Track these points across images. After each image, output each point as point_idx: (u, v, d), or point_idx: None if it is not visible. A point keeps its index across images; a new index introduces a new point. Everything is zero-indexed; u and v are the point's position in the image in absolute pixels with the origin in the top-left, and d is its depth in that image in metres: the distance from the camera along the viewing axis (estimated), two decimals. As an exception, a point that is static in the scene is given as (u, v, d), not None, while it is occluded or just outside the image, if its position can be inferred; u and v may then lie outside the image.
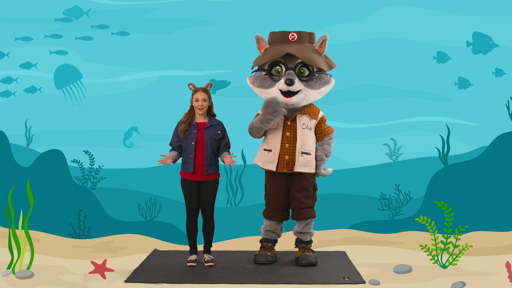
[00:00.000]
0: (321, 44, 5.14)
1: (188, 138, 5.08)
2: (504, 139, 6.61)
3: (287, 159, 5.10)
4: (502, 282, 4.61)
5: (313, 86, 5.10)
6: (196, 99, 5.07)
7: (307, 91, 5.08)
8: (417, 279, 4.75)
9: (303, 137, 5.11)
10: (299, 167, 5.10)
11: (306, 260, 5.13)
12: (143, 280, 4.69)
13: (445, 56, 6.48)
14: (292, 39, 5.11)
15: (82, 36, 6.70)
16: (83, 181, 6.64)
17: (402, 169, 6.69)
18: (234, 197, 6.66)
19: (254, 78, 5.22)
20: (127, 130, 6.61)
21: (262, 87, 5.14)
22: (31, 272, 4.83)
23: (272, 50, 5.11)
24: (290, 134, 5.11)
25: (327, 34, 5.12)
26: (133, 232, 6.51)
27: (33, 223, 6.19)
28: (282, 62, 5.10)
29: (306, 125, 5.13)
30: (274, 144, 5.13)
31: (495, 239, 6.25)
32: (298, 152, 5.09)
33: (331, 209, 6.49)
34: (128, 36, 6.65)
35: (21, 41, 6.74)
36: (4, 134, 6.65)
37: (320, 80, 5.13)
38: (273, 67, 5.14)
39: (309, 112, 5.16)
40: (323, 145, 5.25)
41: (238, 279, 4.69)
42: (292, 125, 5.12)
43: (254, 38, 5.19)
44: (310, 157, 5.14)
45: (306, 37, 5.15)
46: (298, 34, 5.11)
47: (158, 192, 6.60)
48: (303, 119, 5.14)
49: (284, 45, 5.09)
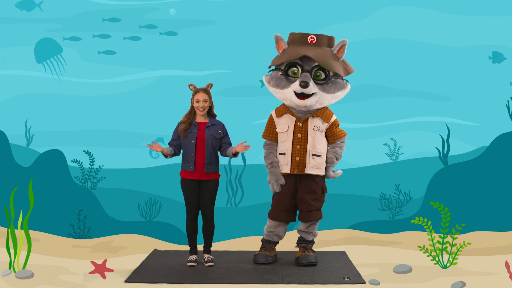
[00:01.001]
0: (340, 48, 5.13)
1: (188, 136, 5.08)
2: (504, 139, 6.61)
3: (298, 161, 5.10)
4: (502, 282, 4.61)
5: (328, 90, 5.09)
6: (197, 100, 5.08)
7: (322, 94, 5.07)
8: (417, 279, 4.75)
9: (314, 139, 5.12)
10: (310, 169, 5.11)
11: (306, 260, 5.13)
12: (143, 280, 4.69)
13: (501, 56, 6.44)
14: (311, 42, 5.11)
15: (131, 36, 6.69)
16: (83, 181, 6.64)
17: (402, 169, 6.69)
18: (234, 197, 6.66)
19: (270, 77, 5.21)
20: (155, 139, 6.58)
21: (277, 87, 5.14)
22: (31, 272, 4.83)
23: (290, 51, 5.10)
24: (301, 136, 5.12)
25: (347, 39, 5.11)
26: (133, 232, 6.51)
27: (33, 223, 6.19)
28: (299, 64, 5.09)
29: (317, 128, 5.13)
30: (287, 146, 5.15)
31: (495, 239, 6.25)
32: (309, 154, 5.10)
33: (331, 209, 6.47)
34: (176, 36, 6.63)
35: (69, 41, 6.72)
36: (4, 134, 6.65)
37: (336, 84, 5.12)
38: (289, 68, 5.13)
39: (322, 115, 5.16)
40: (334, 148, 5.25)
41: (238, 279, 4.69)
42: (304, 127, 5.12)
43: (273, 38, 5.18)
44: (320, 159, 5.15)
45: (325, 40, 5.13)
46: (318, 37, 5.11)
47: (158, 192, 6.60)
48: (315, 122, 5.14)
49: (303, 47, 5.07)
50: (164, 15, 6.75)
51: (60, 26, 6.74)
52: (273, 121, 5.27)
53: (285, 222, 5.27)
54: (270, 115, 5.32)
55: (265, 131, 5.31)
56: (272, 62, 5.24)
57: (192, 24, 6.76)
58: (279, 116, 5.22)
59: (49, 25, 6.74)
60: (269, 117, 5.33)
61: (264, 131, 5.32)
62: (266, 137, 5.30)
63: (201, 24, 6.75)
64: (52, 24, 6.74)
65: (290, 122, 5.15)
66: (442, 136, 6.70)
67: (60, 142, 6.63)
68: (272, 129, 5.27)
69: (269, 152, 5.27)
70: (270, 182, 5.24)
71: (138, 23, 6.76)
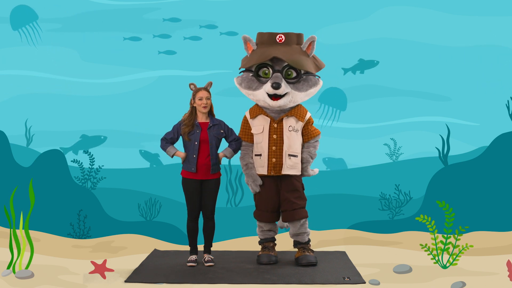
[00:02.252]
0: (309, 45, 5.11)
1: (191, 138, 5.08)
2: (504, 139, 6.61)
3: (274, 162, 5.10)
4: (502, 282, 4.61)
5: (300, 88, 5.09)
6: (200, 98, 5.06)
7: (294, 93, 5.07)
8: (417, 279, 4.75)
9: (290, 139, 5.11)
10: (287, 169, 5.11)
11: (306, 260, 5.12)
12: (143, 280, 4.69)
13: None
14: (280, 41, 5.08)
15: (191, 36, 6.69)
16: (83, 181, 6.64)
17: (402, 169, 6.69)
18: (234, 197, 6.66)
19: (242, 79, 5.21)
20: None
21: (249, 89, 5.15)
22: (31, 272, 4.83)
23: (259, 52, 5.09)
24: (276, 136, 5.11)
25: (315, 36, 5.08)
26: (133, 232, 6.51)
27: (33, 223, 6.19)
28: (269, 65, 5.09)
29: (292, 127, 5.13)
30: (262, 148, 5.14)
31: (495, 239, 6.25)
32: (285, 155, 5.10)
33: (331, 209, 6.49)
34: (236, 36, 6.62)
35: (130, 41, 6.72)
36: (4, 134, 6.65)
37: (308, 82, 5.12)
38: (260, 69, 5.13)
39: (296, 114, 5.15)
40: (308, 147, 5.23)
41: (238, 279, 4.69)
42: (279, 127, 5.12)
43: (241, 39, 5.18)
44: (296, 159, 5.14)
45: (294, 38, 5.11)
46: (286, 36, 5.08)
47: (158, 192, 6.60)
48: (290, 121, 5.13)
49: (271, 47, 5.06)
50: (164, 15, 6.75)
51: (60, 26, 6.74)
52: (248, 122, 5.26)
53: (270, 222, 5.28)
54: (244, 116, 5.30)
55: (240, 132, 5.29)
56: (242, 64, 5.24)
57: (192, 24, 6.76)
58: (253, 118, 5.21)
59: (49, 25, 6.74)
60: (243, 118, 5.32)
61: (239, 133, 5.30)
62: (242, 138, 5.28)
63: (201, 24, 6.75)
64: (52, 24, 6.74)
65: (265, 123, 5.14)
66: (442, 136, 6.70)
67: (60, 142, 6.63)
68: (247, 130, 5.26)
69: (245, 154, 5.26)
70: (248, 183, 5.25)
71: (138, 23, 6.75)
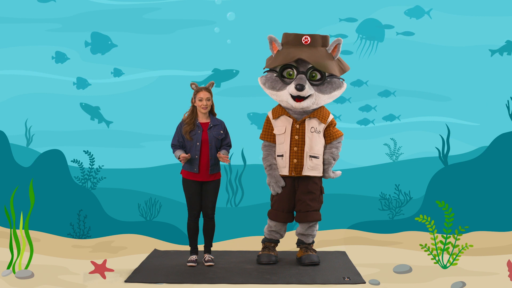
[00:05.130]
0: (335, 48, 5.08)
1: (193, 138, 5.07)
2: (504, 139, 6.61)
3: (295, 163, 5.09)
4: (502, 282, 4.61)
5: (324, 90, 5.07)
6: (200, 99, 5.06)
7: (318, 95, 5.05)
8: (417, 279, 4.75)
9: (312, 140, 5.09)
10: (307, 170, 5.10)
11: (309, 259, 5.13)
12: (143, 280, 4.69)
13: None
14: (305, 43, 5.06)
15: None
16: (83, 181, 6.64)
17: (402, 169, 6.69)
18: (234, 197, 6.66)
19: (266, 79, 5.18)
20: None
21: (273, 89, 5.12)
22: (31, 272, 4.83)
23: (284, 53, 5.06)
24: (298, 137, 5.10)
25: (341, 38, 5.07)
26: (133, 232, 6.51)
27: (33, 223, 6.19)
28: (294, 66, 5.07)
29: (314, 129, 5.11)
30: (284, 148, 5.13)
31: (495, 239, 6.25)
32: (306, 156, 5.08)
33: (331, 209, 6.48)
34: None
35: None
36: (4, 134, 6.65)
37: (332, 84, 5.10)
38: (284, 70, 5.10)
39: (319, 116, 5.13)
40: (331, 149, 5.21)
41: (238, 279, 4.69)
42: (301, 128, 5.11)
43: (267, 39, 5.14)
44: (318, 160, 5.13)
45: (319, 40, 5.09)
46: (312, 38, 5.06)
47: (158, 192, 6.60)
48: (312, 123, 5.12)
49: (297, 49, 5.04)
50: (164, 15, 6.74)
51: (60, 26, 6.74)
52: (270, 123, 5.25)
53: (284, 222, 5.27)
54: (267, 116, 5.30)
55: (263, 132, 5.29)
56: (266, 64, 5.22)
57: (192, 24, 6.76)
58: (276, 118, 5.20)
59: (49, 25, 6.74)
60: (266, 118, 5.31)
61: (261, 133, 5.30)
62: (264, 139, 5.27)
63: (201, 24, 6.75)
64: (52, 24, 6.74)
65: (287, 124, 5.14)
66: (442, 136, 6.70)
67: (60, 142, 6.63)
68: (269, 131, 5.25)
69: (268, 154, 5.25)
70: (270, 185, 5.22)
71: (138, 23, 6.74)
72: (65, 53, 6.66)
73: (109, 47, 6.62)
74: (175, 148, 5.15)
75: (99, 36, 6.59)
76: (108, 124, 6.54)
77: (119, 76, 6.65)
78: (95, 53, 6.64)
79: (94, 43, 6.62)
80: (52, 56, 6.51)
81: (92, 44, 6.61)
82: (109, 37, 6.64)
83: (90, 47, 6.61)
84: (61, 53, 6.51)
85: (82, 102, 6.60)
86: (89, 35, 6.70)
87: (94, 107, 6.49)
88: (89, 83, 6.70)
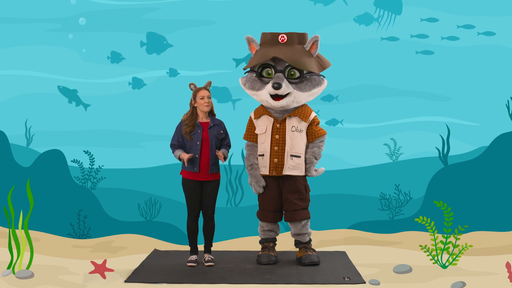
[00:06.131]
0: (313, 45, 5.08)
1: (193, 138, 5.08)
2: (504, 139, 6.61)
3: (276, 162, 5.09)
4: (502, 282, 4.61)
5: (303, 88, 5.07)
6: (202, 97, 5.07)
7: (297, 93, 5.05)
8: (417, 279, 4.75)
9: (292, 139, 5.10)
10: (288, 170, 5.10)
11: (309, 259, 5.13)
12: (143, 280, 4.69)
13: None
14: (282, 41, 5.07)
15: (448, 37, 6.68)
16: (83, 181, 6.64)
17: (402, 169, 6.69)
18: (234, 197, 6.66)
19: (246, 80, 5.22)
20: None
21: (253, 89, 5.15)
22: (31, 272, 4.83)
23: (261, 52, 5.09)
24: (279, 136, 5.11)
25: (318, 35, 5.06)
26: (133, 232, 6.51)
27: (33, 223, 6.19)
28: (272, 65, 5.09)
29: (295, 128, 5.11)
30: (265, 148, 5.15)
31: (495, 239, 6.25)
32: (287, 155, 5.09)
33: (331, 209, 6.49)
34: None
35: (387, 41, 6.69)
36: (4, 134, 6.65)
37: (311, 82, 5.10)
38: (263, 69, 5.13)
39: (299, 114, 5.13)
40: (312, 148, 5.20)
41: (238, 279, 4.69)
42: (281, 128, 5.11)
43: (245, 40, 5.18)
44: (299, 159, 5.13)
45: (296, 38, 5.09)
46: (288, 36, 5.06)
47: (158, 192, 6.60)
48: (292, 122, 5.12)
49: (273, 48, 5.04)
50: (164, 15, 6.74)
51: (60, 26, 6.74)
52: (253, 123, 5.27)
53: (273, 222, 5.28)
54: (249, 117, 5.32)
55: (246, 132, 5.32)
56: (247, 64, 5.23)
57: (192, 24, 6.76)
58: (257, 118, 5.22)
59: (49, 25, 6.74)
60: (249, 119, 5.33)
61: (244, 133, 5.33)
62: (247, 139, 5.31)
63: (201, 24, 6.75)
64: (52, 24, 6.74)
65: (268, 123, 5.14)
66: (442, 136, 6.70)
67: (60, 142, 6.63)
68: (252, 131, 5.28)
69: (250, 154, 5.28)
70: (251, 184, 5.26)
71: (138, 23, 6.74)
72: (120, 53, 6.64)
73: (164, 47, 6.60)
74: (175, 148, 5.15)
75: (154, 36, 6.56)
76: (86, 107, 6.51)
77: (175, 76, 6.62)
78: (151, 53, 6.63)
79: (150, 43, 6.59)
80: (107, 56, 6.49)
81: (148, 44, 6.59)
82: (164, 37, 6.62)
83: (145, 47, 6.57)
84: (117, 53, 6.49)
85: (60, 85, 6.59)
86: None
87: (72, 90, 6.46)
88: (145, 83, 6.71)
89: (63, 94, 6.55)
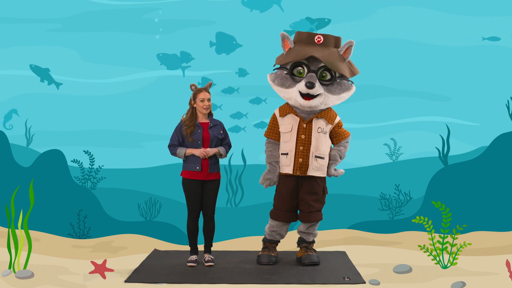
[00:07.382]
0: (347, 49, 5.08)
1: (194, 138, 5.08)
2: (504, 139, 6.61)
3: (301, 162, 5.07)
4: (502, 282, 4.61)
5: (333, 91, 5.05)
6: (202, 99, 5.07)
7: (327, 95, 5.03)
8: (417, 279, 4.75)
9: (318, 140, 5.08)
10: (313, 171, 5.09)
11: (309, 259, 5.13)
12: (143, 280, 4.69)
13: None
14: (318, 42, 5.05)
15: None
16: (83, 181, 6.65)
17: (402, 169, 6.69)
18: (234, 197, 6.66)
19: (275, 76, 5.14)
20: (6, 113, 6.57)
21: (282, 86, 5.08)
22: (31, 272, 4.83)
23: (296, 50, 5.04)
24: (305, 136, 5.08)
25: (353, 40, 5.06)
26: (133, 232, 6.52)
27: (33, 223, 6.19)
28: (305, 64, 5.05)
29: (321, 129, 5.10)
30: (290, 147, 5.11)
31: (495, 239, 6.25)
32: (312, 156, 5.07)
33: (331, 209, 6.47)
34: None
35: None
36: (4, 134, 6.65)
37: (341, 86, 5.08)
38: (295, 67, 5.08)
39: (326, 117, 5.12)
40: (339, 147, 5.22)
41: (238, 279, 4.69)
42: (308, 128, 5.09)
43: (279, 36, 5.11)
44: (323, 161, 5.12)
45: (332, 41, 5.08)
46: (324, 37, 5.05)
47: (158, 192, 6.61)
48: (319, 123, 5.11)
49: (309, 47, 5.02)
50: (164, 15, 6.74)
51: (60, 26, 6.74)
52: (276, 121, 5.23)
53: (286, 222, 5.26)
54: (273, 114, 5.26)
55: (268, 129, 5.27)
56: (277, 61, 5.18)
57: (192, 24, 6.76)
58: (283, 116, 5.17)
59: (49, 25, 6.74)
60: (272, 116, 5.28)
61: (266, 130, 5.27)
62: (269, 136, 5.25)
63: (201, 24, 6.75)
64: (52, 24, 6.74)
65: (294, 123, 5.11)
66: (442, 136, 6.70)
67: (60, 142, 6.63)
68: (275, 128, 5.22)
69: (273, 150, 5.21)
70: (266, 179, 5.20)
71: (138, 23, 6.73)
72: (189, 53, 6.63)
73: (234, 47, 6.57)
74: (173, 147, 5.15)
75: (224, 36, 6.54)
76: (58, 86, 6.49)
77: (244, 75, 6.58)
78: (220, 53, 6.59)
79: (219, 43, 6.57)
80: (176, 55, 6.48)
81: (217, 44, 6.57)
82: (234, 37, 6.59)
83: (215, 47, 6.55)
84: (186, 53, 6.47)
85: (31, 64, 6.57)
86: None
87: (44, 69, 6.43)
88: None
89: (35, 73, 6.52)
